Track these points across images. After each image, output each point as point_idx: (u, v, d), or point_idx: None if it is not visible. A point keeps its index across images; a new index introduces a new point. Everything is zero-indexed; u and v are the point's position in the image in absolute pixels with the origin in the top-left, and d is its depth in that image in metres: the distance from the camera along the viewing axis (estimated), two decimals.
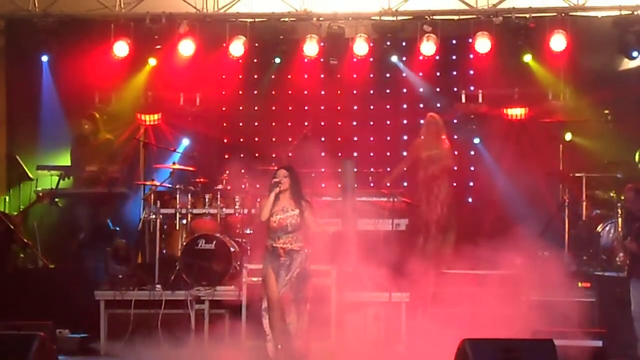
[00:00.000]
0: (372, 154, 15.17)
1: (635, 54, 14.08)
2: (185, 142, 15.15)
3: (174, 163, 13.77)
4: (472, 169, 15.22)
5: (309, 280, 10.72)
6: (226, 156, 15.11)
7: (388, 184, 13.99)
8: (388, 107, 15.45)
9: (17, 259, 13.66)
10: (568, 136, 14.40)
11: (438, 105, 15.02)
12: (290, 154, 13.60)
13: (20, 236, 13.43)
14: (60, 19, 14.35)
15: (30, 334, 7.91)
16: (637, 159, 13.93)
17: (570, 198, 13.79)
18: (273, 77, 15.34)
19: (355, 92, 15.43)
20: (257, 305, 11.00)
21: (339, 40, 14.48)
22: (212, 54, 14.68)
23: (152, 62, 14.62)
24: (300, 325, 10.58)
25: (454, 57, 15.13)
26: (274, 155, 14.18)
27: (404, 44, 14.83)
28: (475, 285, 12.28)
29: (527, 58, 14.34)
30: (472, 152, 15.25)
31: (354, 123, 15.45)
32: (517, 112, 14.94)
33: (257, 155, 14.87)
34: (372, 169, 14.45)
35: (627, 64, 14.57)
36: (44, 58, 14.74)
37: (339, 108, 15.50)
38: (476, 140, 15.18)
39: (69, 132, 14.89)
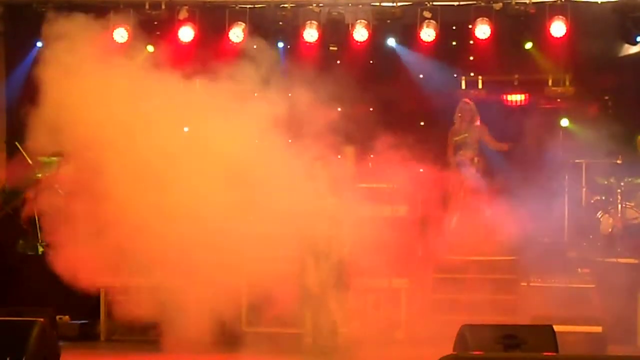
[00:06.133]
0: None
1: (639, 39, 14.05)
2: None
3: None
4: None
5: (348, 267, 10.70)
6: None
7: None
8: (387, 93, 15.44)
9: (17, 244, 13.68)
10: (564, 122, 14.39)
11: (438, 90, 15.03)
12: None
13: (21, 221, 13.42)
14: (59, 5, 14.32)
15: (31, 320, 7.90)
16: (637, 143, 13.92)
17: (570, 184, 13.80)
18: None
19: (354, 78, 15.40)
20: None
21: (338, 26, 14.46)
22: (212, 40, 14.65)
23: (151, 48, 14.60)
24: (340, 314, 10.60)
25: (453, 43, 15.11)
26: None
27: (403, 30, 14.83)
28: (475, 271, 12.29)
29: (529, 45, 14.34)
30: None
31: None
32: (517, 98, 14.95)
33: None
34: (371, 155, 14.43)
35: (627, 50, 14.56)
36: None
37: None
38: None
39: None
